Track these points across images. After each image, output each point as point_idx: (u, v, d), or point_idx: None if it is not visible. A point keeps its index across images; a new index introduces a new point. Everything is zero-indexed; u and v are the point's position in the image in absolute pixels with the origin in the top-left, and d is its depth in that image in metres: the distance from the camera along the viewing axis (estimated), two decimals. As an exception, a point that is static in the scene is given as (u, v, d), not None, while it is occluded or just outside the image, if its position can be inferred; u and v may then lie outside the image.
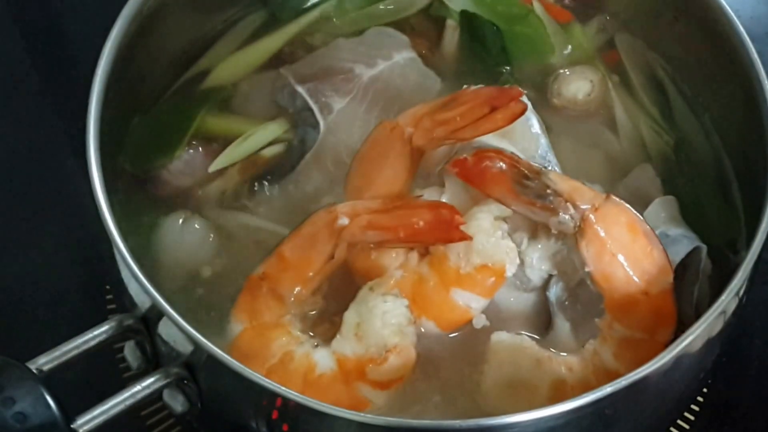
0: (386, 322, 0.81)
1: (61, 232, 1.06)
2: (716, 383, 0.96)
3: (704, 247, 0.87)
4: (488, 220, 0.84)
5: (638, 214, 0.86)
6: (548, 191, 0.84)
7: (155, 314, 0.77)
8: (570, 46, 1.04)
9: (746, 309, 0.87)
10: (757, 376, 1.00)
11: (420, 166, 0.90)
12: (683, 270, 0.85)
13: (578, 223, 0.84)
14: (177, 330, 0.74)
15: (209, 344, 0.73)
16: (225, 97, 1.00)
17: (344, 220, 0.84)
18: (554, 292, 0.86)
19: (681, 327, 0.82)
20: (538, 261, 0.86)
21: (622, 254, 0.84)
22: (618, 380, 0.73)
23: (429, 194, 0.88)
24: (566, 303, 0.86)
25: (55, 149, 1.11)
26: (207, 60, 1.02)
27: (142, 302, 0.78)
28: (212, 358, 0.73)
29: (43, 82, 1.17)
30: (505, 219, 0.85)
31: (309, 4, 1.06)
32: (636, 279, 0.83)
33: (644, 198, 0.92)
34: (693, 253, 0.87)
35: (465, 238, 0.82)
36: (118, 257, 0.78)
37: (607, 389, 0.72)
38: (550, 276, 0.86)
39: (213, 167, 0.94)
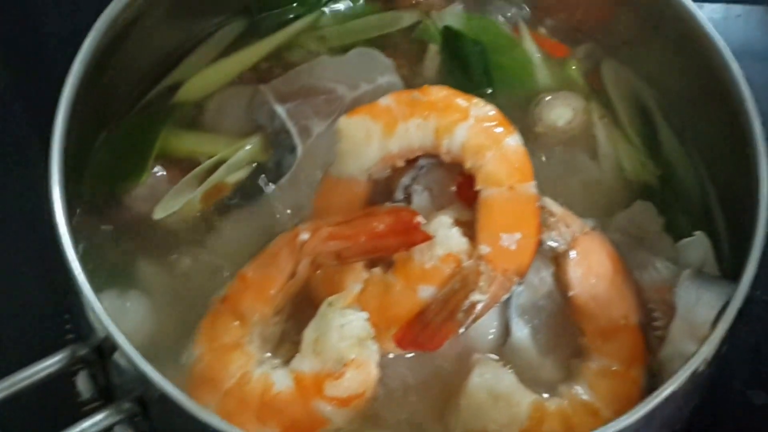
0: (344, 335, 0.78)
1: (24, 250, 1.00)
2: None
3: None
4: (448, 219, 0.83)
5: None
6: (543, 210, 0.85)
7: (109, 345, 0.73)
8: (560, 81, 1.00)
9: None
10: (737, 418, 0.97)
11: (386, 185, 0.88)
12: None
13: (569, 244, 0.84)
14: (130, 365, 0.70)
15: (162, 381, 0.69)
16: (191, 114, 0.96)
17: (305, 236, 0.83)
18: (516, 301, 0.85)
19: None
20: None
21: (607, 280, 0.85)
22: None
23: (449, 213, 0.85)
24: (527, 313, 0.85)
25: (18, 161, 1.06)
26: (179, 72, 0.98)
27: (97, 332, 0.74)
28: (165, 396, 0.69)
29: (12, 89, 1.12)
30: (465, 223, 0.84)
31: (291, 16, 1.02)
32: (618, 304, 0.84)
33: (641, 235, 0.90)
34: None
35: (427, 238, 0.81)
36: (73, 282, 0.73)
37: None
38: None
39: (158, 214, 0.89)
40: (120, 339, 0.70)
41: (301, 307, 0.84)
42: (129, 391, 0.73)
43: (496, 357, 0.84)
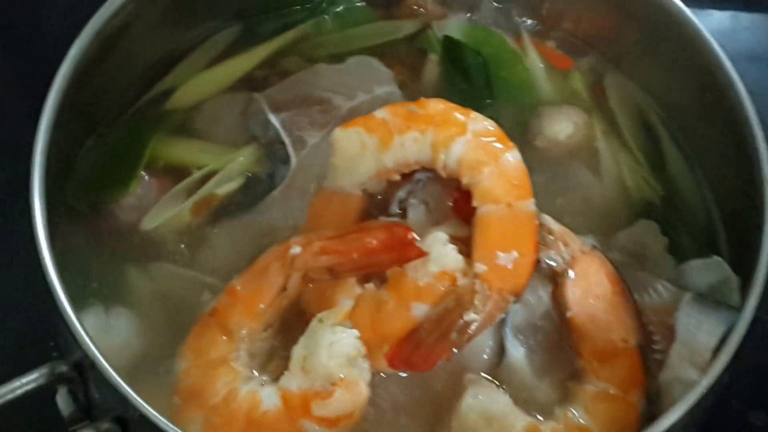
0: (333, 353, 0.76)
1: (4, 262, 0.97)
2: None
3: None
4: (443, 235, 0.81)
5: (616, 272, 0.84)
6: (542, 227, 0.82)
7: (89, 363, 0.70)
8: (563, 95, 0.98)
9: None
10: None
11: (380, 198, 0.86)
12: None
13: (568, 263, 0.82)
14: (108, 384, 0.67)
15: (141, 402, 0.67)
16: (184, 121, 0.93)
17: (296, 249, 0.80)
18: (512, 320, 0.83)
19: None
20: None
21: (605, 301, 0.82)
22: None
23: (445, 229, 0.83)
24: (523, 332, 0.83)
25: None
26: (172, 78, 0.95)
27: (75, 349, 0.71)
28: (144, 418, 0.66)
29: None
30: (461, 239, 0.81)
31: (289, 21, 0.99)
32: (617, 326, 0.81)
33: (643, 254, 0.87)
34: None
35: (421, 254, 0.79)
36: (52, 297, 0.71)
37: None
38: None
39: (146, 224, 0.87)
40: (97, 357, 0.68)
41: (292, 323, 0.82)
42: (109, 410, 0.71)
43: (490, 377, 0.82)
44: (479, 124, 0.83)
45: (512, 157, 0.82)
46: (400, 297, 0.80)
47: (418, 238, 0.80)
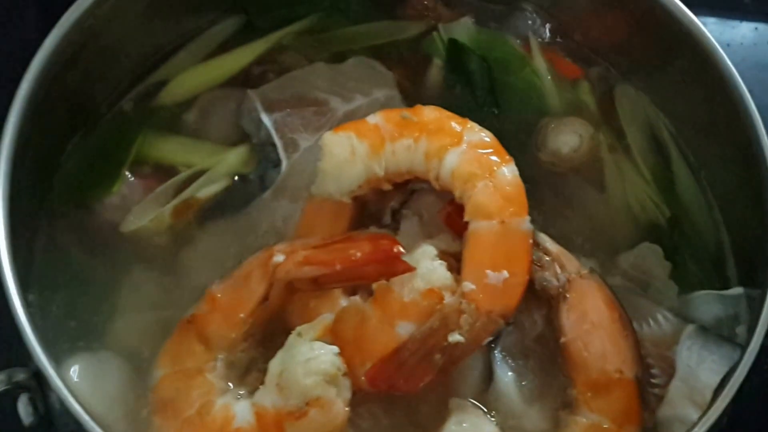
0: (309, 370, 0.71)
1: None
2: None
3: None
4: (432, 250, 0.76)
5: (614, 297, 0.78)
6: (538, 247, 0.78)
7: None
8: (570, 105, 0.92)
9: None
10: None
11: (373, 207, 0.82)
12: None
13: (563, 286, 0.77)
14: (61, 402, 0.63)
15: (90, 424, 0.62)
16: (174, 117, 0.88)
17: (279, 257, 0.76)
18: (502, 342, 0.78)
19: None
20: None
21: (602, 328, 0.77)
22: None
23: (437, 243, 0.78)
24: (514, 356, 0.78)
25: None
26: (164, 72, 0.90)
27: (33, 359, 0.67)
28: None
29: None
30: (453, 254, 0.77)
31: (290, 16, 0.94)
32: (613, 356, 0.76)
33: (645, 280, 0.82)
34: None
35: (408, 269, 0.74)
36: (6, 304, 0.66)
37: None
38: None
39: (125, 227, 0.82)
40: (50, 372, 0.64)
41: (275, 334, 0.77)
42: (66, 423, 0.67)
43: (476, 403, 0.77)
44: (475, 135, 0.78)
45: (508, 171, 0.77)
46: (384, 313, 0.75)
47: (404, 251, 0.75)
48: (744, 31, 1.09)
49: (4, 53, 1.02)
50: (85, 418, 0.63)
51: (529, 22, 0.94)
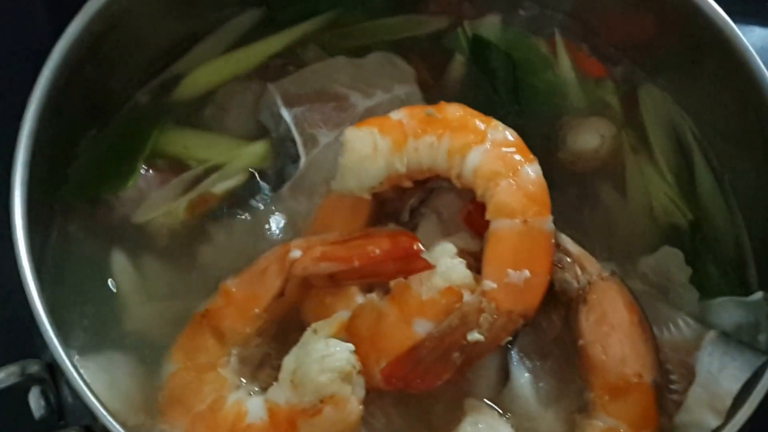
0: (324, 367, 0.69)
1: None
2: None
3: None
4: (451, 248, 0.75)
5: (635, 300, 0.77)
6: (559, 248, 0.76)
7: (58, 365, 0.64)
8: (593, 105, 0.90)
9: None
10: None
11: (391, 205, 0.80)
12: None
13: (584, 288, 0.76)
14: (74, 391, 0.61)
15: (105, 416, 0.61)
16: (192, 110, 0.87)
17: (296, 253, 0.75)
18: (520, 343, 0.77)
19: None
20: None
21: (621, 331, 0.76)
22: None
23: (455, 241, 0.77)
24: (531, 357, 0.77)
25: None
26: (183, 65, 0.88)
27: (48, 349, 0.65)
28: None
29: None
30: (472, 254, 0.76)
31: (313, 8, 0.91)
32: (632, 360, 0.74)
33: (665, 285, 0.80)
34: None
35: (427, 266, 0.73)
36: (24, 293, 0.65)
37: None
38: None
39: (138, 217, 0.81)
40: (64, 362, 0.62)
41: (289, 330, 0.76)
42: (78, 416, 0.65)
43: (491, 404, 0.75)
44: (499, 133, 0.76)
45: (532, 170, 0.75)
46: (401, 311, 0.73)
47: (424, 249, 0.74)
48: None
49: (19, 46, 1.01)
50: (100, 410, 0.61)
51: (555, 20, 0.92)
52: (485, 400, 0.75)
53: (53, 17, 0.77)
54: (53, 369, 0.66)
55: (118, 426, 0.62)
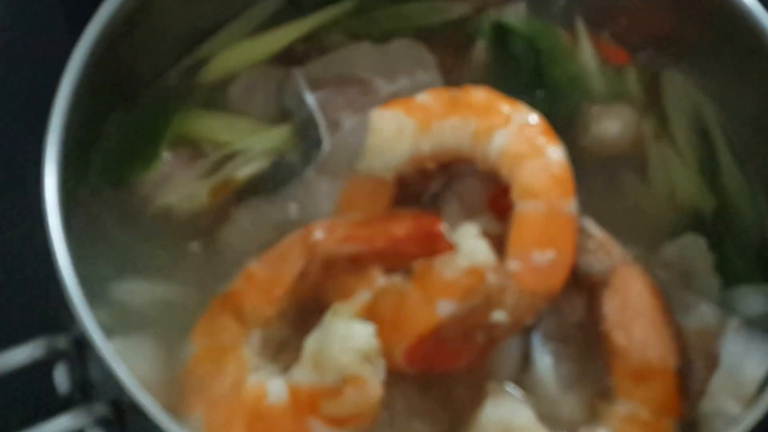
0: (345, 347, 0.69)
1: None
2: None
3: None
4: (474, 229, 0.74)
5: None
6: (582, 231, 0.76)
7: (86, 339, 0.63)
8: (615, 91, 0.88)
9: None
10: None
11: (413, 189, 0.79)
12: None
13: (607, 272, 0.76)
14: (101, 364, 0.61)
15: (135, 388, 0.60)
16: (215, 94, 0.86)
17: (319, 234, 0.74)
18: (542, 326, 0.76)
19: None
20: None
21: (644, 316, 0.75)
22: None
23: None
24: (553, 340, 0.76)
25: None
26: (207, 49, 0.87)
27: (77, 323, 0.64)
28: (136, 407, 0.59)
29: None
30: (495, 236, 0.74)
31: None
32: (655, 345, 0.74)
33: (688, 272, 0.79)
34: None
35: (451, 248, 0.72)
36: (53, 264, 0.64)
37: None
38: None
39: (161, 200, 0.80)
40: (92, 332, 0.61)
41: (309, 312, 0.75)
42: (105, 392, 0.64)
43: (513, 387, 0.74)
44: (525, 116, 0.76)
45: (557, 153, 0.75)
46: (424, 292, 0.73)
47: (447, 230, 0.73)
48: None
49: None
50: (131, 385, 0.61)
51: (578, 8, 0.90)
52: (506, 383, 0.74)
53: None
54: (80, 343, 0.65)
55: (148, 400, 0.61)
